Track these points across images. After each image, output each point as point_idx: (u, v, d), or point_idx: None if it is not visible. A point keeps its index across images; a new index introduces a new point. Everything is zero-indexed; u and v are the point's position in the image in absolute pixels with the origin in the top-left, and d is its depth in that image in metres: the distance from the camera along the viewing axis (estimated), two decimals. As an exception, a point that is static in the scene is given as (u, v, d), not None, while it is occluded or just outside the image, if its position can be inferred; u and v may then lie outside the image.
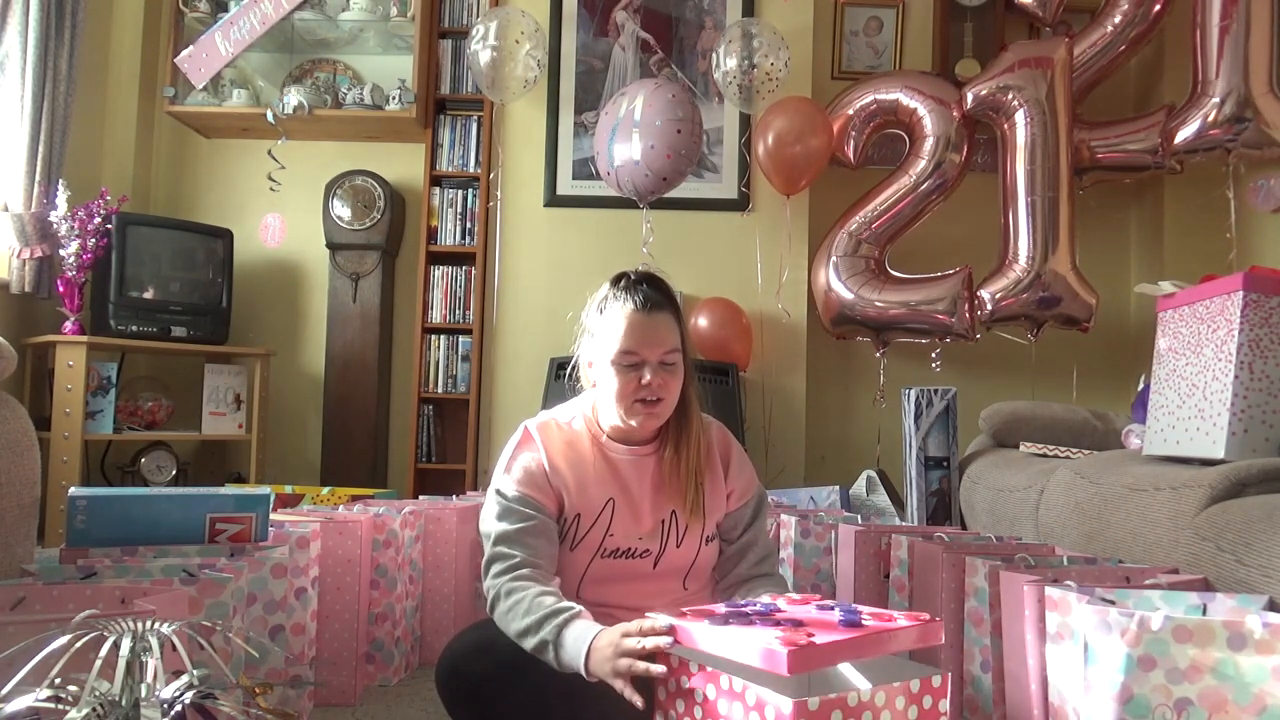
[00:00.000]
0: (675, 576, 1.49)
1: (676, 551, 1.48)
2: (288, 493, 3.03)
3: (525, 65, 3.42)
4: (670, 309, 1.47)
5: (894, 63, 3.86)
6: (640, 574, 1.47)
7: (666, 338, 1.44)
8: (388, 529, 1.88)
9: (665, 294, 1.49)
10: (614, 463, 1.49)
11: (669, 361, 1.44)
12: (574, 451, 1.49)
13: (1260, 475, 1.59)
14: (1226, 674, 1.06)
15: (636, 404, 1.43)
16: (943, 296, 3.38)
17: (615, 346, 1.43)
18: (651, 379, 1.42)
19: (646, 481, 1.49)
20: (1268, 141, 3.19)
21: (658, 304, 1.45)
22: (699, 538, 1.49)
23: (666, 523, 1.48)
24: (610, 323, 1.45)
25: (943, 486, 2.81)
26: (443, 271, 3.67)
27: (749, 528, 1.54)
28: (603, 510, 1.46)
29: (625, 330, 1.43)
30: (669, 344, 1.44)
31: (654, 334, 1.43)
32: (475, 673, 1.35)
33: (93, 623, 0.87)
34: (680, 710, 1.11)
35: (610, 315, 1.46)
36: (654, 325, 1.43)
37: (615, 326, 1.44)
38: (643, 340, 1.42)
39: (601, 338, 1.47)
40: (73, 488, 1.53)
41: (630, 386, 1.43)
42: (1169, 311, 1.94)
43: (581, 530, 1.46)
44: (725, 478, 1.53)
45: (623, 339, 1.43)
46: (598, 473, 1.48)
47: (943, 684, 1.04)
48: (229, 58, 3.48)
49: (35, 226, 3.10)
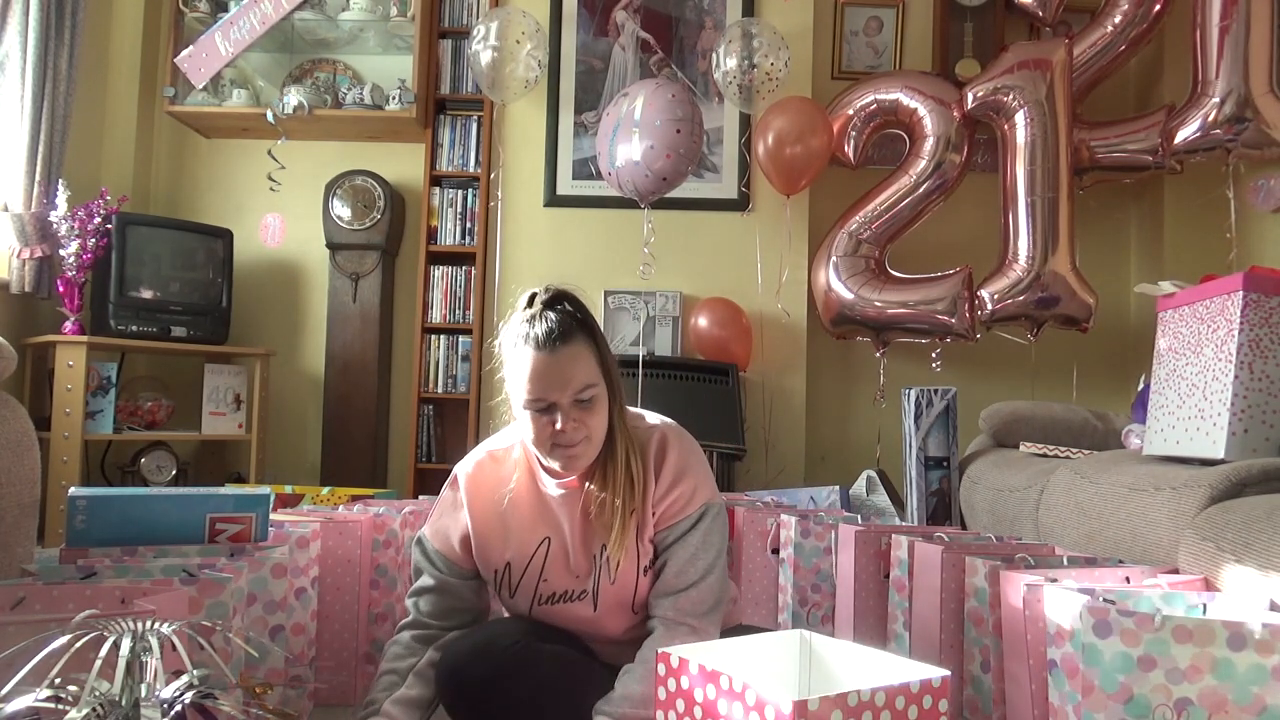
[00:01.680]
0: (622, 610, 1.42)
1: (612, 588, 1.40)
2: (288, 493, 3.02)
3: (526, 65, 3.42)
4: (580, 336, 1.33)
5: (894, 63, 3.86)
6: (583, 616, 1.43)
7: (575, 375, 1.31)
8: (388, 529, 1.88)
9: (575, 319, 1.34)
10: (546, 500, 1.42)
11: (584, 398, 1.32)
12: (503, 494, 1.43)
13: (1260, 475, 1.59)
14: (1226, 674, 1.06)
15: (555, 449, 1.34)
16: (943, 296, 3.38)
17: (523, 393, 1.32)
18: (564, 424, 1.31)
19: (577, 516, 1.41)
20: (1268, 141, 3.18)
21: (563, 336, 1.31)
22: (634, 570, 1.40)
23: (598, 558, 1.40)
24: (516, 365, 1.33)
25: (943, 486, 2.81)
26: (443, 271, 3.67)
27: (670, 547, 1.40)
28: (535, 553, 1.42)
29: (529, 375, 1.31)
30: (580, 381, 1.31)
31: (560, 374, 1.30)
32: (476, 674, 1.34)
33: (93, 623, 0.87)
34: (681, 710, 1.11)
35: (515, 357, 1.33)
36: (559, 364, 1.30)
37: (520, 370, 1.32)
38: (549, 384, 1.30)
39: (511, 380, 1.36)
40: (73, 488, 1.53)
41: (545, 431, 1.32)
42: (1169, 311, 1.94)
43: (514, 577, 1.43)
44: (654, 499, 1.40)
45: (528, 385, 1.31)
46: (531, 513, 1.43)
47: (943, 684, 1.03)
48: (229, 58, 3.48)
49: (35, 226, 3.10)
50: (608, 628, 1.44)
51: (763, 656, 1.21)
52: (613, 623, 1.43)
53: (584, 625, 1.44)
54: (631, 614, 1.43)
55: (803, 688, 1.21)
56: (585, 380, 1.32)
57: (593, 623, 1.43)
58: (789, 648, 1.24)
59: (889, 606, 1.75)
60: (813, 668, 1.22)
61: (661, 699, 1.14)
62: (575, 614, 1.43)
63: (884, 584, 1.78)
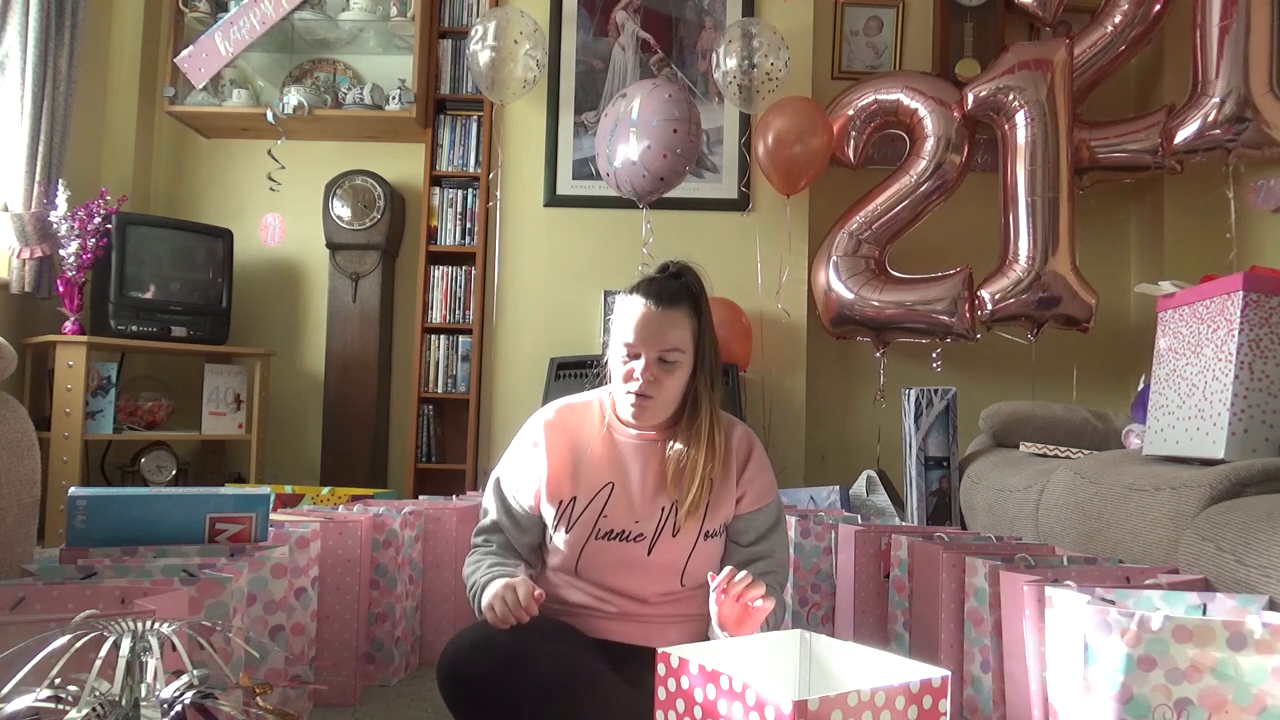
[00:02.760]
0: (671, 570, 1.49)
1: (672, 541, 1.49)
2: (288, 493, 3.03)
3: (525, 65, 3.42)
4: (686, 306, 1.48)
5: (894, 63, 3.86)
6: (635, 560, 1.48)
7: (669, 336, 1.45)
8: (388, 529, 1.88)
9: (688, 290, 1.50)
10: (619, 446, 1.52)
11: (669, 360, 1.45)
12: (579, 436, 1.54)
13: (1260, 475, 1.59)
14: (1226, 674, 1.06)
15: (628, 394, 1.47)
16: (943, 296, 3.38)
17: (622, 336, 1.47)
18: (642, 373, 1.44)
19: (650, 469, 1.51)
20: (1268, 141, 3.19)
21: (672, 298, 1.47)
22: (696, 532, 1.49)
23: (665, 510, 1.50)
24: (623, 311, 1.49)
25: (943, 486, 2.81)
26: (443, 271, 3.67)
27: (763, 537, 1.54)
28: (599, 492, 1.50)
29: (632, 321, 1.46)
30: (670, 342, 1.45)
31: (656, 330, 1.45)
32: (475, 672, 1.35)
33: (93, 623, 0.87)
34: (681, 710, 1.11)
35: (625, 305, 1.49)
36: (659, 321, 1.45)
37: (626, 318, 1.47)
38: (643, 335, 1.45)
39: (616, 324, 1.50)
40: (73, 488, 1.53)
41: (626, 375, 1.47)
42: (1169, 311, 1.94)
43: (577, 511, 1.50)
44: (738, 480, 1.53)
45: (627, 328, 1.46)
46: (600, 456, 1.52)
47: (943, 684, 1.03)
48: (229, 58, 3.48)
49: (35, 226, 3.10)
50: (652, 580, 1.49)
51: (762, 656, 1.21)
52: (659, 577, 1.49)
53: (631, 570, 1.49)
54: (677, 581, 1.49)
55: (802, 687, 1.21)
56: (676, 344, 1.46)
57: (642, 568, 1.48)
58: (789, 648, 1.23)
59: (889, 606, 1.75)
60: (813, 668, 1.22)
61: (661, 699, 1.14)
62: (627, 554, 1.48)
63: (884, 584, 1.78)
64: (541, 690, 1.32)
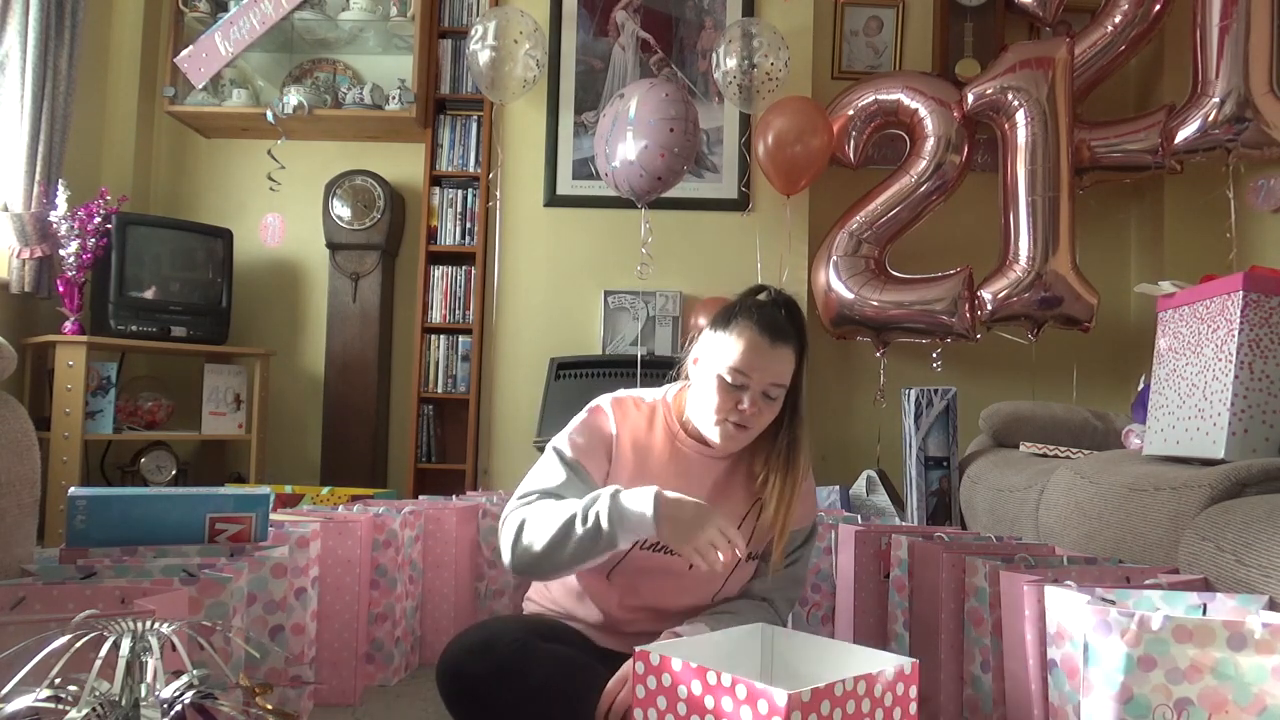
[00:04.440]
0: (707, 586, 1.49)
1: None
2: (288, 493, 3.03)
3: (525, 65, 3.42)
4: (795, 344, 1.46)
5: (894, 63, 3.86)
6: (674, 572, 1.47)
7: (779, 371, 1.44)
8: (388, 529, 1.88)
9: (796, 327, 1.48)
10: (681, 457, 1.51)
11: (772, 395, 1.45)
12: (643, 435, 1.52)
13: (1260, 475, 1.59)
14: (1226, 674, 1.06)
15: (726, 423, 1.44)
16: (943, 296, 3.38)
17: (727, 362, 1.43)
18: (748, 406, 1.42)
19: (708, 484, 1.51)
20: (1268, 141, 3.19)
21: (784, 335, 1.45)
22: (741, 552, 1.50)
23: None
24: (732, 335, 1.44)
25: (943, 486, 2.81)
26: (443, 271, 3.67)
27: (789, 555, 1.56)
28: None
29: (743, 350, 1.43)
30: (779, 378, 1.44)
31: (769, 364, 1.43)
32: (475, 673, 1.35)
33: (93, 623, 0.87)
34: (663, 707, 1.10)
35: (735, 329, 1.45)
36: (773, 355, 1.43)
37: (735, 342, 1.44)
38: (755, 366, 1.42)
39: (718, 346, 1.46)
40: (73, 488, 1.53)
41: (726, 404, 1.43)
42: (1169, 311, 1.94)
43: None
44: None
45: (737, 357, 1.42)
46: (661, 463, 1.50)
47: (913, 671, 1.10)
48: (229, 58, 3.47)
49: (35, 226, 3.10)
50: (685, 593, 1.49)
51: (727, 651, 1.25)
52: (693, 590, 1.49)
53: (666, 582, 1.48)
54: (710, 597, 1.50)
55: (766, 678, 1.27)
56: (783, 379, 1.45)
57: (677, 582, 1.48)
58: (751, 642, 1.29)
59: (889, 606, 1.75)
60: (775, 660, 1.28)
61: (640, 697, 1.14)
62: (668, 565, 1.46)
63: (884, 584, 1.78)
64: (541, 691, 1.32)
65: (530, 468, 1.54)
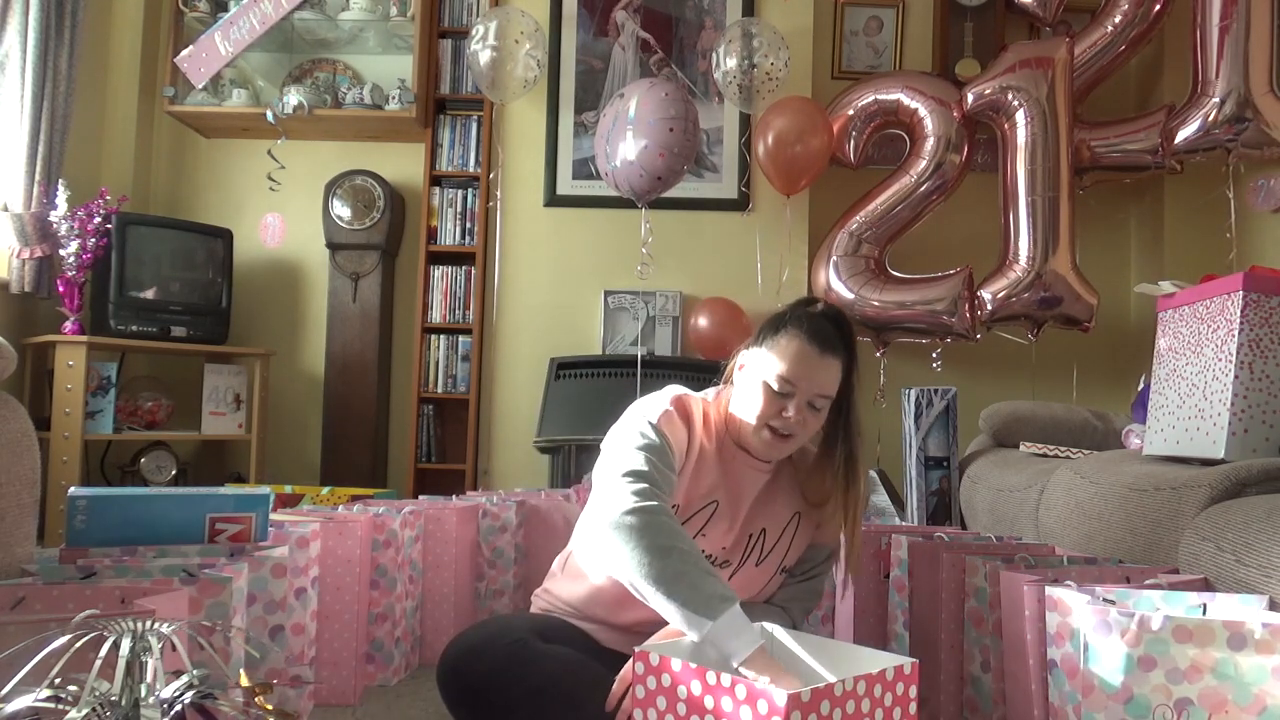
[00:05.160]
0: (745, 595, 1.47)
1: (755, 570, 1.50)
2: (288, 493, 3.03)
3: (525, 65, 3.42)
4: (844, 356, 1.46)
5: (894, 63, 3.86)
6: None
7: (825, 381, 1.44)
8: (388, 529, 1.88)
9: (845, 339, 1.47)
10: (730, 465, 1.51)
11: (817, 405, 1.44)
12: (699, 434, 1.50)
13: (1260, 475, 1.59)
14: (1226, 674, 1.06)
15: (768, 429, 1.44)
16: (943, 296, 3.38)
17: (776, 369, 1.43)
18: (793, 414, 1.42)
19: (752, 492, 1.51)
20: (1268, 141, 3.19)
21: (832, 346, 1.44)
22: (778, 562, 1.52)
23: (754, 538, 1.51)
24: (782, 343, 1.44)
25: (943, 486, 2.81)
26: (443, 271, 3.67)
27: (814, 568, 1.59)
28: (703, 508, 1.47)
29: (792, 358, 1.42)
30: (825, 389, 1.44)
31: (816, 373, 1.42)
32: (475, 673, 1.35)
33: (93, 623, 0.87)
34: (662, 707, 1.10)
35: (785, 336, 1.44)
36: (822, 365, 1.43)
37: (785, 350, 1.43)
38: (803, 375, 1.42)
39: (767, 353, 1.45)
40: (73, 488, 1.53)
41: (770, 411, 1.43)
42: (1169, 311, 1.94)
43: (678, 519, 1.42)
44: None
45: (786, 365, 1.42)
46: (711, 469, 1.49)
47: (913, 671, 1.09)
48: (229, 58, 3.47)
49: (35, 226, 3.10)
50: None
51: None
52: None
53: None
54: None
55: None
56: (829, 390, 1.45)
57: None
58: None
59: (889, 606, 1.75)
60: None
61: (640, 697, 1.14)
62: None
63: (884, 584, 1.78)
64: (541, 692, 1.32)
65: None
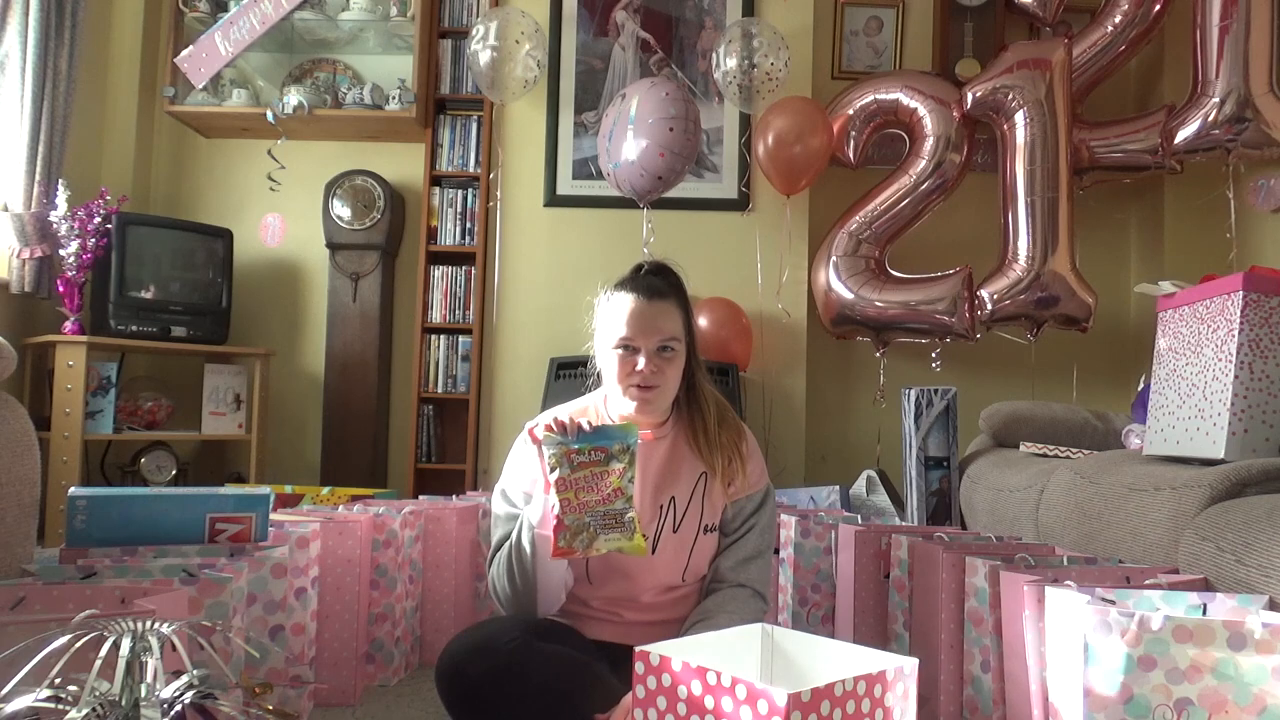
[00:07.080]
0: (674, 566, 1.52)
1: (673, 536, 1.52)
2: (288, 493, 3.03)
3: (525, 65, 3.42)
4: (674, 298, 1.53)
5: (894, 63, 3.86)
6: (640, 562, 1.49)
7: (664, 326, 1.49)
8: (388, 529, 1.88)
9: (671, 283, 1.54)
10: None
11: (667, 352, 1.50)
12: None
13: (1260, 475, 1.59)
14: (1226, 674, 1.06)
15: (634, 388, 1.49)
16: (943, 296, 3.38)
17: (617, 332, 1.49)
18: (646, 365, 1.47)
19: (651, 467, 1.55)
20: (1268, 141, 3.19)
21: (659, 293, 1.51)
22: (696, 524, 1.53)
23: (665, 508, 1.53)
24: (613, 310, 1.52)
25: (943, 486, 2.81)
26: (443, 271, 3.67)
27: (746, 521, 1.58)
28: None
29: (625, 318, 1.49)
30: (666, 332, 1.49)
31: (651, 322, 1.49)
32: (475, 673, 1.35)
33: (93, 623, 0.87)
34: (662, 707, 1.10)
35: (613, 303, 1.53)
36: (652, 313, 1.49)
37: (617, 314, 1.51)
38: (639, 328, 1.48)
39: (605, 325, 1.54)
40: (73, 488, 1.53)
41: (625, 369, 1.49)
42: (1169, 311, 1.94)
43: None
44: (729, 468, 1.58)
45: (622, 325, 1.49)
46: None
47: (913, 671, 1.09)
48: (229, 58, 3.47)
49: (35, 226, 3.10)
50: (656, 575, 1.51)
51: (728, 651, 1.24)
52: (662, 573, 1.51)
53: (640, 573, 1.50)
54: (679, 578, 1.53)
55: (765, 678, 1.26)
56: (671, 333, 1.50)
57: (647, 569, 1.50)
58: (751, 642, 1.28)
59: (889, 606, 1.75)
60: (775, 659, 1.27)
61: (640, 697, 1.14)
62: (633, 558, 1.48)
63: (884, 584, 1.78)
64: (541, 691, 1.32)
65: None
